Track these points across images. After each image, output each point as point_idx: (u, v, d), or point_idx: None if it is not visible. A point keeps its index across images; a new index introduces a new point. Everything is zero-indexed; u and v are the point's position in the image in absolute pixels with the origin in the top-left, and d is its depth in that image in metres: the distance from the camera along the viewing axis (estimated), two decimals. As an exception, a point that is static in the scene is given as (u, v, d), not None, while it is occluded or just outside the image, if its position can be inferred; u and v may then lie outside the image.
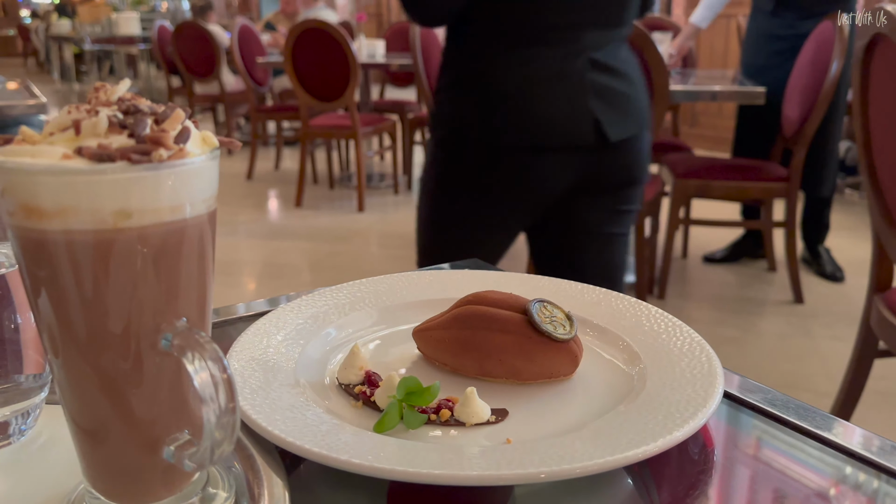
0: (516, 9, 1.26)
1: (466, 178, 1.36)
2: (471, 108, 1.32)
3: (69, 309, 0.33)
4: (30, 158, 0.31)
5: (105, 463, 0.37)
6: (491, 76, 1.30)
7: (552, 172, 1.31)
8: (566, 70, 1.27)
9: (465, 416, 0.45)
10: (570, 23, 1.27)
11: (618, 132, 1.30)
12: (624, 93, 1.32)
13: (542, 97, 1.27)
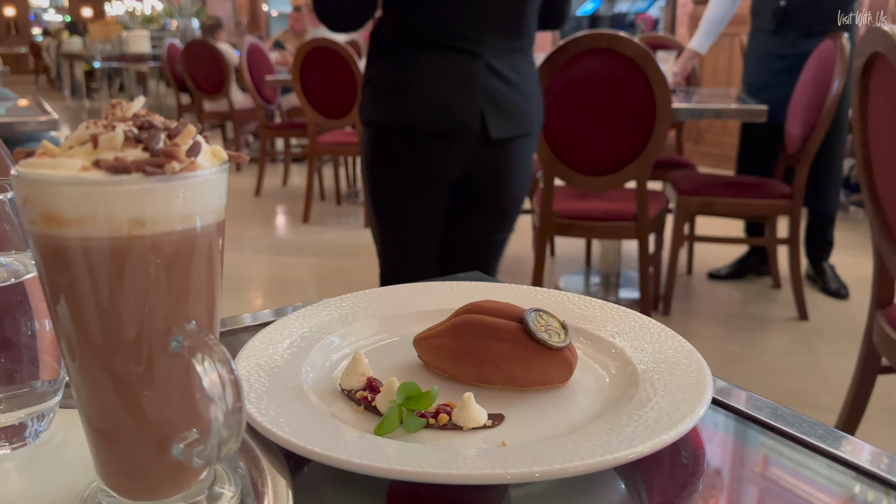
0: (424, 18, 1.47)
1: (388, 158, 1.58)
2: (385, 99, 1.52)
3: (85, 313, 0.35)
4: (50, 170, 0.33)
5: (118, 461, 0.39)
6: (401, 73, 1.50)
7: (449, 155, 1.53)
8: (464, 71, 1.48)
9: (463, 421, 0.46)
10: (471, 32, 1.47)
11: (498, 132, 1.51)
12: (511, 99, 1.52)
13: (441, 91, 1.48)
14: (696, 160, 5.54)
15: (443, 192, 1.62)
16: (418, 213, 1.63)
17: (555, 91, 2.39)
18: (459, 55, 1.47)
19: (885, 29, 1.52)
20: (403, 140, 1.54)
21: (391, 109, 1.52)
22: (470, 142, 1.52)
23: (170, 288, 0.35)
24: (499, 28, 1.48)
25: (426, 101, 1.49)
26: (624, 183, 2.47)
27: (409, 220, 1.63)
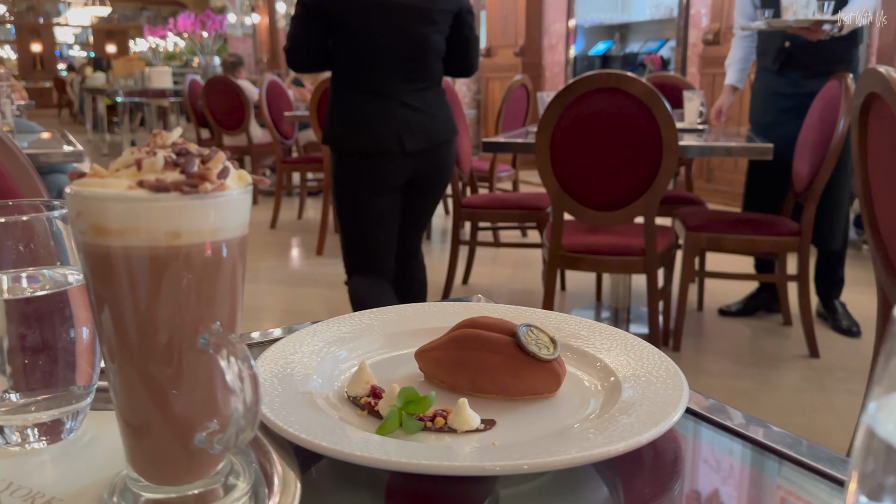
0: (356, 74, 2.15)
1: (345, 173, 2.22)
2: (338, 130, 2.20)
3: (125, 314, 0.40)
4: (101, 188, 0.38)
5: (147, 451, 0.43)
6: (345, 112, 2.19)
7: (384, 167, 2.18)
8: (384, 108, 2.14)
9: (458, 424, 0.51)
10: (388, 82, 2.14)
11: (412, 146, 2.16)
12: (421, 123, 2.18)
13: (370, 124, 2.15)
14: (707, 198, 5.58)
15: (391, 193, 2.24)
16: (373, 210, 2.23)
17: (564, 127, 2.45)
18: (380, 98, 2.15)
19: (881, 70, 1.57)
20: (353, 159, 2.20)
21: (341, 138, 2.20)
22: (396, 157, 2.16)
23: (199, 292, 0.40)
24: (407, 78, 2.16)
25: (360, 132, 2.15)
26: (632, 218, 2.52)
27: (364, 216, 2.24)
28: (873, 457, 0.28)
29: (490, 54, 8.72)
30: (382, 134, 2.13)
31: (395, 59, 2.12)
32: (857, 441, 0.29)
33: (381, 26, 2.09)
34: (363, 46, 2.11)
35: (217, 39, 11.96)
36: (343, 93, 2.18)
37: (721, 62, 5.84)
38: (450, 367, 0.57)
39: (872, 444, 0.28)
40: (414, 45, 2.12)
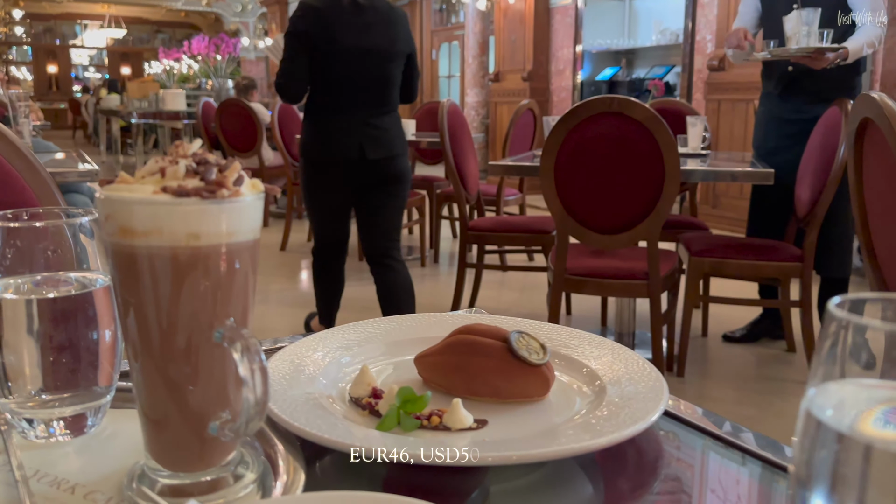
0: (327, 101, 2.68)
1: (313, 178, 2.77)
2: (311, 143, 2.73)
3: (148, 311, 0.44)
4: (128, 193, 0.43)
5: (165, 442, 0.47)
6: (316, 127, 2.71)
7: (347, 174, 2.71)
8: (350, 126, 2.67)
9: (451, 422, 0.54)
10: (353, 107, 2.67)
11: (372, 155, 2.68)
12: (379, 137, 2.70)
13: (338, 138, 2.67)
14: (713, 224, 5.61)
15: (348, 193, 2.79)
16: (333, 206, 2.82)
17: (568, 151, 2.50)
18: (347, 118, 2.68)
19: (874, 96, 1.61)
20: (320, 165, 2.74)
21: (314, 149, 2.73)
22: (357, 164, 2.69)
23: (215, 290, 0.44)
24: (372, 104, 2.70)
25: (329, 145, 2.69)
26: (635, 242, 2.55)
27: (327, 210, 2.83)
28: (810, 434, 0.31)
29: (498, 79, 8.83)
30: (346, 145, 2.68)
31: (364, 90, 2.68)
32: (798, 423, 0.33)
33: (356, 65, 2.64)
34: (340, 80, 2.65)
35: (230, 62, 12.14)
36: (319, 115, 2.73)
37: (726, 88, 5.92)
38: (446, 370, 0.60)
39: (809, 424, 0.32)
40: (379, 79, 2.70)
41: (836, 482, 0.30)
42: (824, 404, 0.31)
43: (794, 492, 0.33)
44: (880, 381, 0.31)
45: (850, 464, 0.30)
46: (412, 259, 5.04)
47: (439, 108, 3.69)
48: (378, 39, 2.63)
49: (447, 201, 5.00)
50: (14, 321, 0.52)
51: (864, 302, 0.33)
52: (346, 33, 2.58)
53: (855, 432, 0.30)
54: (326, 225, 2.89)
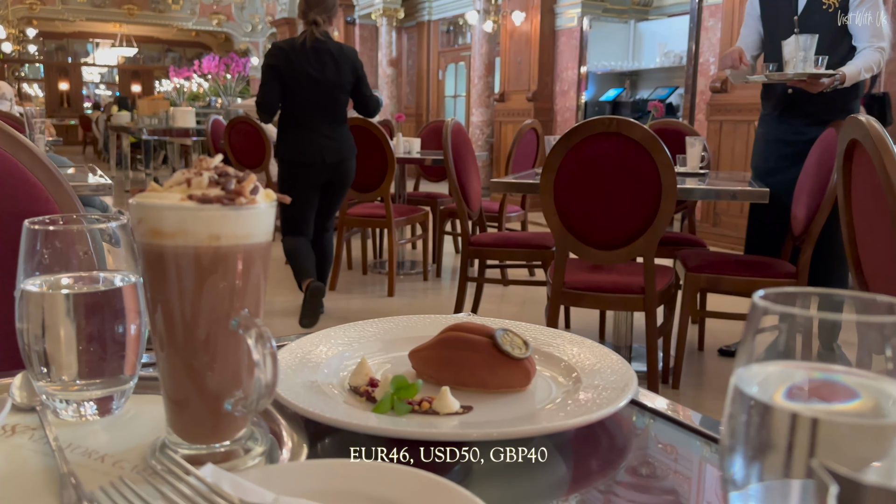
0: (297, 118, 3.61)
1: (286, 175, 3.70)
2: (281, 147, 3.67)
3: (173, 304, 0.51)
4: (158, 200, 0.49)
5: (185, 418, 0.53)
6: (288, 137, 3.66)
7: (311, 174, 3.66)
8: (313, 138, 3.61)
9: (440, 407, 0.60)
10: (313, 122, 3.61)
11: (330, 160, 3.63)
12: (333, 146, 3.64)
13: (302, 145, 3.61)
14: (713, 241, 5.66)
15: (315, 189, 3.73)
16: (303, 198, 3.72)
17: (568, 169, 2.57)
18: (308, 130, 3.62)
19: (861, 119, 1.67)
20: (293, 167, 3.67)
21: (286, 154, 3.67)
22: (319, 166, 3.63)
23: (232, 285, 0.50)
24: (326, 120, 3.64)
25: (298, 151, 3.62)
26: (632, 257, 2.61)
27: (299, 202, 3.71)
28: (736, 406, 0.37)
29: (503, 99, 8.93)
30: (312, 152, 3.61)
31: (321, 109, 3.64)
32: (727, 399, 0.39)
33: (314, 92, 3.60)
34: (302, 103, 3.61)
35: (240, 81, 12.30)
36: (289, 129, 3.68)
37: (728, 109, 5.99)
38: (437, 364, 0.66)
39: (736, 397, 0.38)
40: (331, 102, 3.65)
41: (751, 442, 0.36)
42: (749, 381, 0.37)
43: (723, 455, 0.39)
44: (794, 362, 0.38)
45: (763, 427, 0.36)
46: (415, 273, 5.11)
47: (443, 126, 3.77)
48: (329, 74, 3.61)
49: (450, 217, 5.07)
50: (54, 314, 0.58)
51: (785, 294, 0.39)
52: (306, 68, 3.57)
53: (768, 402, 0.36)
54: (295, 211, 3.77)
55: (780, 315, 0.35)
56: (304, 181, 3.68)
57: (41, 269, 0.59)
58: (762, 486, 0.34)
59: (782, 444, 0.33)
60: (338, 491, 0.46)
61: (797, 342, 0.37)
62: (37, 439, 0.56)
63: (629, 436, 0.62)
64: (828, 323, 0.36)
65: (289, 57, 3.55)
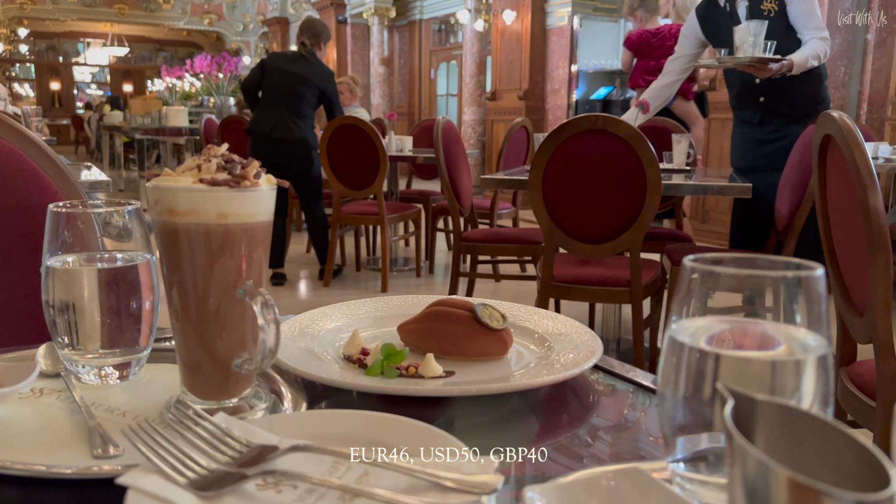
0: (262, 96, 4.47)
1: (253, 147, 4.46)
2: (253, 125, 4.46)
3: (186, 277, 0.57)
4: (173, 183, 0.56)
5: (199, 380, 0.60)
6: (258, 119, 4.43)
7: (260, 146, 4.42)
8: (268, 114, 4.40)
9: (426, 372, 0.67)
10: (274, 102, 4.39)
11: (276, 134, 4.38)
12: (285, 125, 4.37)
13: (259, 118, 4.42)
14: (701, 238, 5.74)
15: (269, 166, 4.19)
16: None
17: (556, 166, 2.64)
18: (268, 109, 4.40)
19: (834, 115, 1.75)
20: (251, 137, 4.47)
21: (249, 125, 4.50)
22: (268, 139, 4.40)
23: (239, 257, 0.57)
24: (286, 107, 4.39)
25: (254, 123, 4.44)
26: (619, 251, 2.68)
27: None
28: (669, 352, 0.44)
29: (495, 98, 9.00)
30: (264, 125, 4.37)
31: (282, 96, 4.39)
32: (662, 348, 0.46)
33: (280, 79, 4.39)
34: (269, 86, 4.41)
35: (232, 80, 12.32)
36: (257, 108, 4.47)
37: (716, 107, 6.07)
38: (423, 335, 0.73)
39: (669, 345, 0.44)
40: (293, 93, 4.38)
41: (678, 378, 0.43)
42: (680, 332, 0.44)
43: (659, 393, 0.46)
44: (716, 316, 0.45)
45: (687, 366, 0.42)
46: (408, 270, 5.17)
47: (434, 125, 3.84)
48: (297, 70, 4.38)
49: (442, 214, 5.13)
50: (80, 288, 0.65)
51: (710, 257, 0.46)
52: (281, 63, 4.46)
53: (692, 345, 0.43)
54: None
55: (701, 272, 0.42)
56: (255, 153, 4.39)
57: (64, 249, 0.66)
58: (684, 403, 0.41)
59: (698, 375, 0.40)
60: (335, 435, 0.52)
61: (718, 296, 0.44)
62: (63, 399, 0.63)
63: (594, 395, 0.69)
64: (748, 280, 0.43)
65: (275, 57, 4.62)
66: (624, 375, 0.71)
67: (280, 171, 4.26)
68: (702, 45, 3.42)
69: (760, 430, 0.33)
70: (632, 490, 0.42)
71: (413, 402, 0.64)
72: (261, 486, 0.46)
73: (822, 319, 0.40)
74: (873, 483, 0.29)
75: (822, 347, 0.40)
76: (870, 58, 5.98)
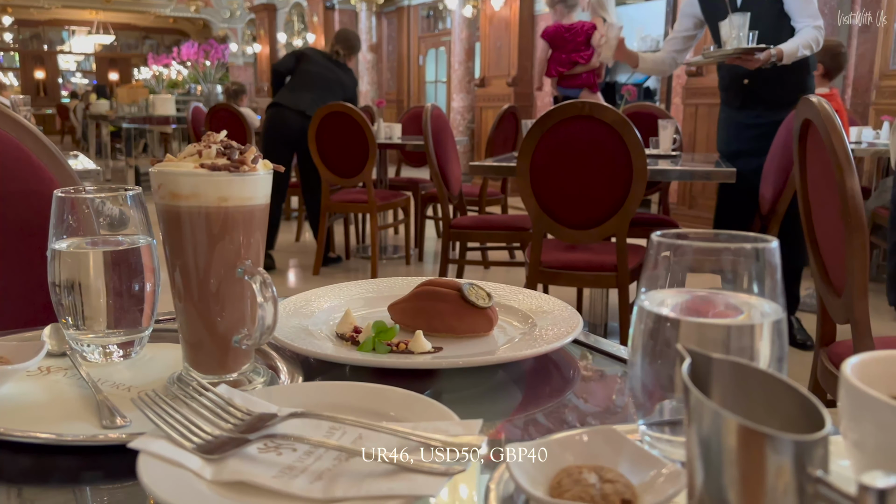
0: (296, 84, 4.81)
1: (278, 120, 4.79)
2: (282, 97, 4.78)
3: (188, 259, 0.60)
4: (175, 168, 0.59)
5: (201, 356, 0.63)
6: (284, 93, 4.81)
7: (294, 120, 4.70)
8: (311, 99, 4.68)
9: (415, 347, 0.70)
10: (314, 93, 4.74)
11: (311, 113, 4.50)
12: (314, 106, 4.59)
13: (301, 101, 4.71)
14: (688, 223, 5.80)
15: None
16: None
17: (543, 152, 2.67)
18: (310, 96, 4.72)
19: (813, 100, 1.79)
20: (275, 113, 4.80)
21: (282, 101, 4.75)
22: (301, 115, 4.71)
23: (238, 238, 0.60)
24: (319, 97, 4.69)
25: (284, 98, 4.77)
26: (605, 236, 2.73)
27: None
28: (638, 319, 0.48)
29: (484, 84, 9.01)
30: (308, 105, 4.65)
31: (321, 85, 4.75)
32: (632, 317, 0.49)
33: (320, 73, 4.78)
34: (310, 76, 4.78)
35: (219, 68, 12.27)
36: (293, 90, 4.77)
37: (704, 93, 6.12)
38: (412, 314, 0.77)
39: (638, 313, 0.48)
40: (328, 84, 4.78)
41: (647, 346, 0.47)
42: (648, 302, 0.48)
43: (629, 360, 0.49)
44: (681, 288, 0.48)
45: (653, 331, 0.46)
46: (397, 257, 5.21)
47: (423, 112, 3.86)
48: (334, 67, 4.84)
49: (432, 202, 5.16)
50: (88, 271, 0.68)
51: (675, 233, 0.49)
52: (320, 57, 4.87)
53: (658, 312, 0.46)
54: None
55: (667, 246, 0.46)
56: (278, 126, 4.77)
57: (69, 233, 0.69)
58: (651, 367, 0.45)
59: (664, 341, 0.44)
60: (330, 404, 0.56)
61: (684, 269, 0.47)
62: (70, 376, 0.66)
63: (575, 368, 0.72)
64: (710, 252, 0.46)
65: (314, 51, 5.00)
66: (602, 349, 0.75)
67: (298, 146, 4.63)
68: (699, 25, 3.43)
69: (715, 385, 0.37)
70: (604, 447, 0.45)
71: (403, 376, 0.68)
72: (262, 450, 0.49)
73: (777, 288, 0.44)
74: (812, 427, 0.33)
75: (777, 313, 0.44)
76: (854, 42, 6.03)
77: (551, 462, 0.44)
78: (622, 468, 0.44)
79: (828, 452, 0.33)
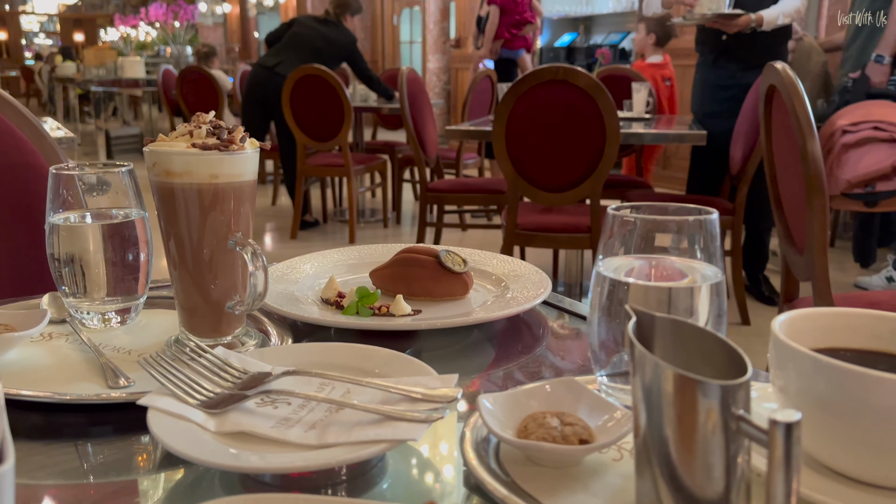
0: (276, 46, 4.84)
1: (251, 79, 4.91)
2: (261, 58, 4.97)
3: (182, 231, 0.64)
4: (168, 147, 0.63)
5: (196, 321, 0.68)
6: (265, 54, 4.93)
7: (265, 77, 4.74)
8: (284, 58, 4.69)
9: (396, 311, 0.76)
10: (289, 53, 4.73)
11: (282, 71, 4.60)
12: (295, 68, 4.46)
13: (272, 59, 4.78)
14: (662, 184, 5.89)
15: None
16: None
17: (518, 116, 2.71)
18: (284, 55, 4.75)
19: (778, 66, 1.84)
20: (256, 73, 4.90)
21: (259, 60, 4.96)
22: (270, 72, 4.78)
23: (229, 212, 0.64)
24: (296, 57, 4.67)
25: (266, 61, 4.84)
26: (579, 199, 2.79)
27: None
28: (595, 283, 0.53)
29: (459, 45, 8.95)
30: (278, 63, 4.69)
31: (302, 47, 4.71)
32: (591, 282, 0.55)
33: (304, 34, 4.77)
34: (291, 39, 4.78)
35: (189, 29, 12.02)
36: (272, 51, 4.85)
37: (679, 53, 6.15)
38: (392, 279, 0.82)
39: (596, 279, 0.54)
40: (312, 46, 4.72)
41: (603, 306, 0.52)
42: (605, 268, 0.53)
43: (588, 319, 0.55)
44: (635, 255, 0.54)
45: (609, 293, 0.52)
46: (375, 220, 5.24)
47: (399, 75, 3.86)
48: (323, 28, 4.78)
49: (408, 165, 5.18)
50: (87, 243, 0.72)
51: (628, 207, 0.55)
52: (309, 20, 4.92)
53: (612, 277, 0.52)
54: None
55: (621, 218, 0.51)
56: (251, 84, 4.88)
57: (65, 207, 0.72)
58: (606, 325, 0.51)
59: (616, 302, 0.50)
60: (319, 363, 0.61)
61: (635, 238, 0.53)
62: (72, 342, 0.70)
63: (544, 326, 0.78)
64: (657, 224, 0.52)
65: (306, 16, 5.14)
66: (569, 309, 0.81)
67: (269, 106, 4.65)
68: None
69: (658, 340, 0.43)
70: (566, 395, 0.51)
71: (385, 337, 0.73)
72: (260, 404, 0.54)
73: (717, 254, 0.50)
74: (737, 374, 0.39)
75: (717, 276, 0.50)
76: (826, 3, 6.08)
77: (519, 409, 0.50)
78: (581, 413, 0.50)
79: (749, 395, 0.38)
